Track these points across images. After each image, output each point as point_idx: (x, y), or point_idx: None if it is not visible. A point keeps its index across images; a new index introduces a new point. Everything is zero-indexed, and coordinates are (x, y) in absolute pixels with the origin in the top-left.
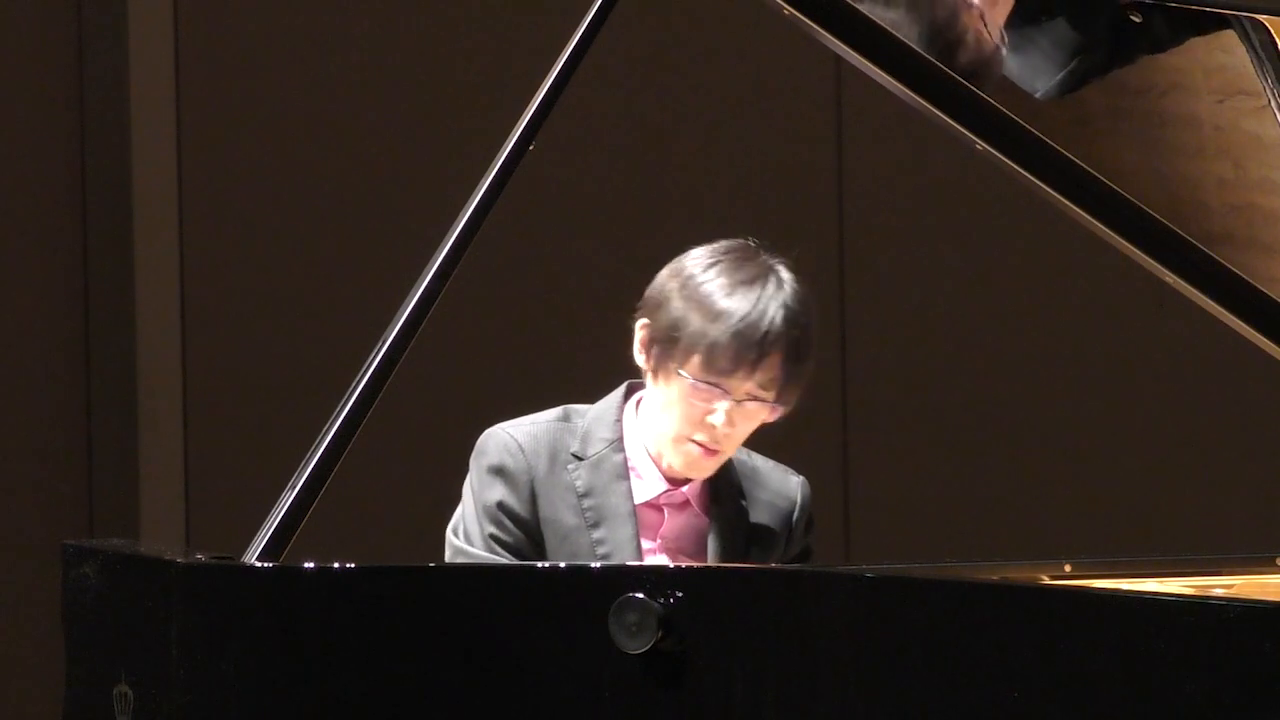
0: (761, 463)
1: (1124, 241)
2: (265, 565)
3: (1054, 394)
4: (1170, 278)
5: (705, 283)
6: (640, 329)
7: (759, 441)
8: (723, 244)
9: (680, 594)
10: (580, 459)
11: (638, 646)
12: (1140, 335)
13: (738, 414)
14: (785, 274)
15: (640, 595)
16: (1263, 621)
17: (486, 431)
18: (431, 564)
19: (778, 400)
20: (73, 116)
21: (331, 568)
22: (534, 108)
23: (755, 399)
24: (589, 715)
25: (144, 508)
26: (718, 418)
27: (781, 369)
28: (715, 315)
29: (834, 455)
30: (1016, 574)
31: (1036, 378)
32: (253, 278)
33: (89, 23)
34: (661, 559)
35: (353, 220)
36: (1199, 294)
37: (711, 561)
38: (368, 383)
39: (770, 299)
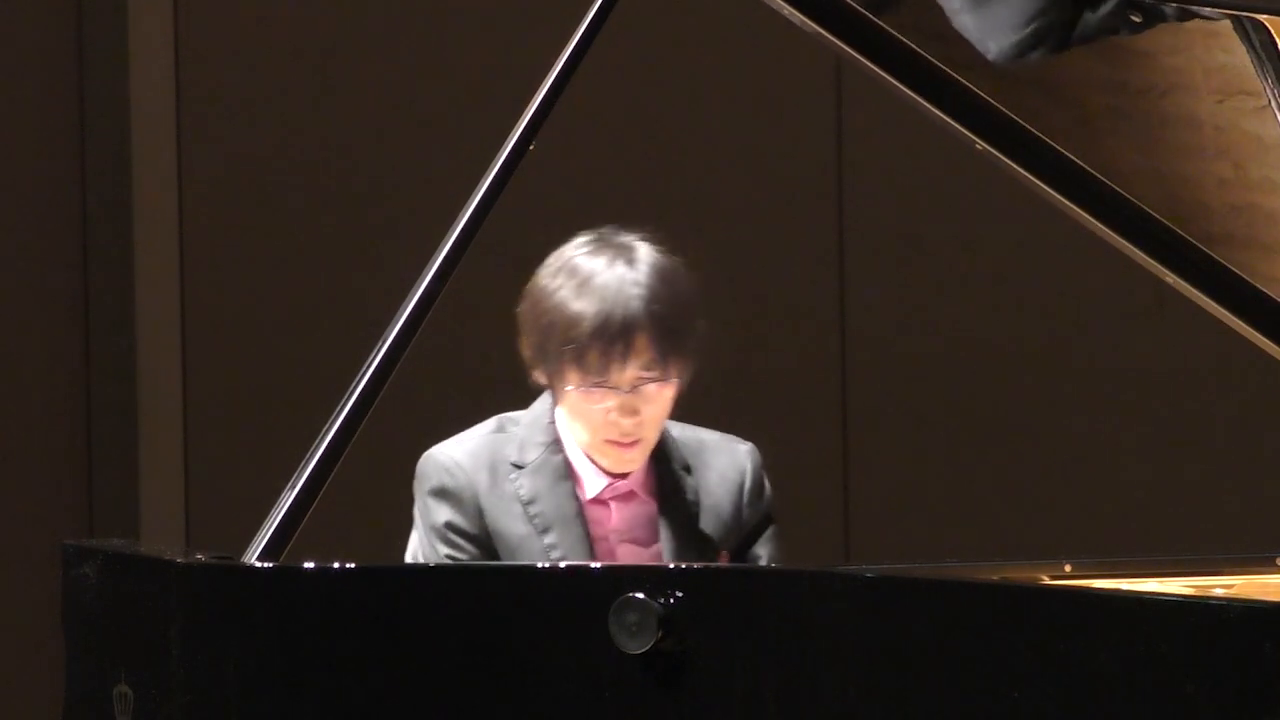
0: (708, 435)
1: (1124, 241)
2: (265, 565)
3: (1054, 394)
4: (1170, 278)
5: (554, 293)
6: (523, 350)
7: (761, 438)
8: (571, 244)
9: (680, 594)
10: (520, 467)
11: (638, 646)
12: (1140, 335)
13: (636, 401)
14: (641, 251)
15: (640, 595)
16: (1263, 621)
17: (424, 455)
18: (432, 564)
19: (666, 375)
20: (73, 116)
21: (331, 568)
22: (534, 108)
23: (646, 381)
24: (589, 715)
25: (144, 508)
26: (615, 414)
27: (655, 347)
28: (569, 324)
29: (834, 455)
30: (1016, 574)
31: (1036, 378)
32: (253, 279)
33: (89, 23)
34: (623, 551)
35: (353, 220)
36: (1199, 294)
37: (664, 545)
38: (368, 383)
39: (619, 286)
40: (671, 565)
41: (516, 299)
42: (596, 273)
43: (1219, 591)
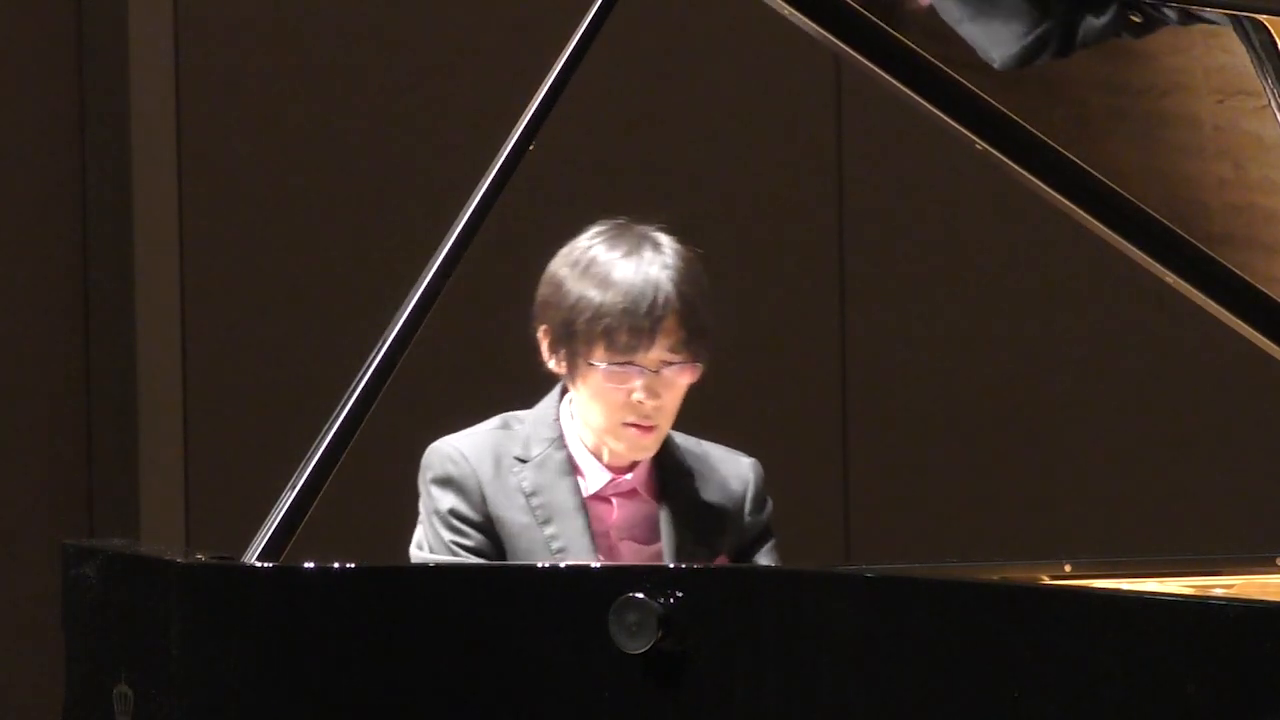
0: (712, 448)
1: (1124, 241)
2: (265, 565)
3: (1054, 394)
4: (1170, 278)
5: (582, 274)
6: (542, 336)
7: (760, 437)
8: (591, 229)
9: (680, 594)
10: (524, 461)
11: (638, 646)
12: (1140, 335)
13: (658, 384)
14: (662, 237)
15: (640, 595)
16: (1263, 621)
17: (429, 447)
18: (432, 564)
19: (690, 359)
20: (73, 116)
21: (331, 568)
22: (534, 108)
23: (669, 364)
24: (589, 715)
25: (144, 508)
26: (639, 394)
27: (682, 327)
28: (601, 299)
29: (834, 455)
30: (1016, 574)
31: (1036, 378)
32: (253, 278)
33: (89, 23)
34: (623, 547)
35: (353, 220)
36: (1199, 294)
37: (665, 545)
38: (368, 383)
39: (649, 265)
40: (671, 565)
41: (516, 299)
42: (625, 256)
43: (1219, 591)
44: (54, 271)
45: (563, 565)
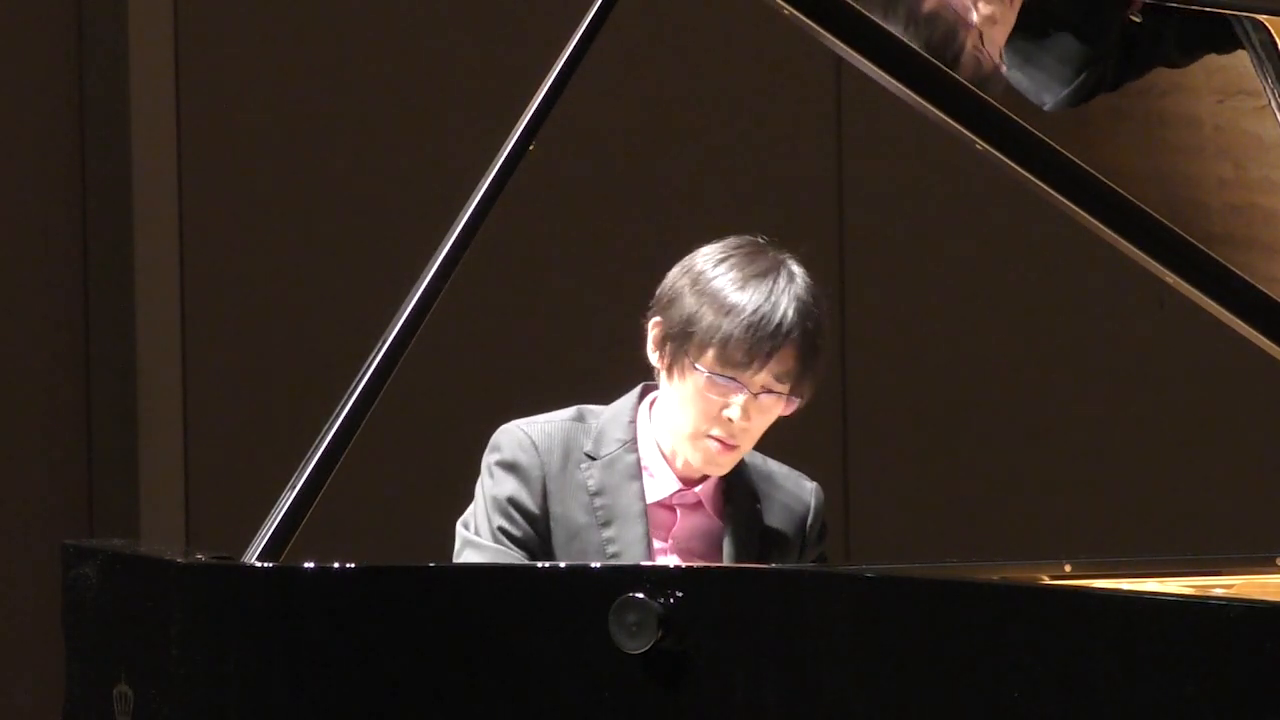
0: (776, 467)
1: (1124, 241)
2: (265, 565)
3: (1054, 394)
4: (1170, 278)
5: (717, 277)
6: (654, 327)
7: (760, 439)
8: (732, 240)
9: (680, 594)
10: (593, 458)
11: (638, 646)
12: (1140, 335)
13: (753, 407)
14: (796, 268)
15: (640, 595)
16: (1263, 621)
17: (501, 428)
18: (432, 564)
19: (793, 392)
20: (73, 116)
21: (331, 568)
22: (534, 108)
23: (770, 391)
24: (589, 715)
25: (144, 508)
26: (734, 411)
27: (796, 361)
28: (728, 309)
29: (834, 455)
30: (1016, 574)
31: (1036, 378)
32: (253, 278)
33: (89, 23)
34: (673, 559)
35: (353, 220)
36: (1199, 294)
37: (726, 563)
38: (368, 383)
39: (782, 292)
40: (671, 565)
41: (515, 299)
42: (763, 274)
43: (1219, 591)
44: (54, 272)
45: (562, 565)
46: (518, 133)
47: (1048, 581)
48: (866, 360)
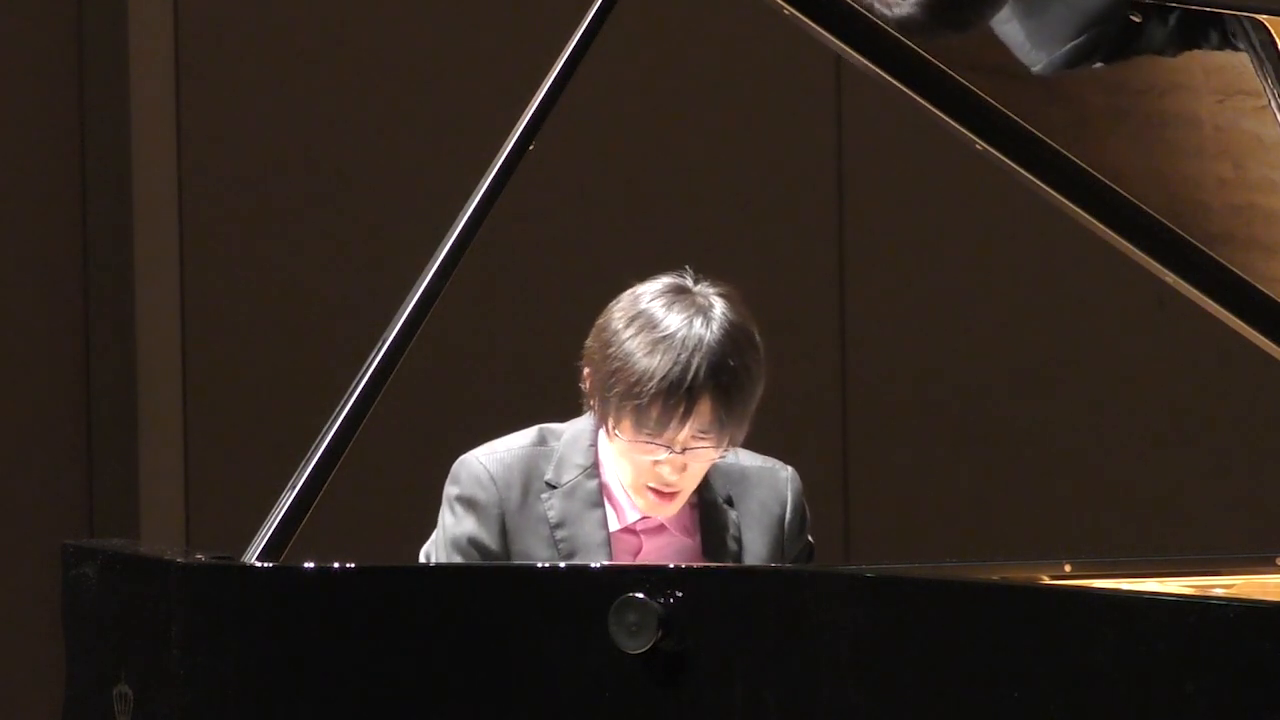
0: (749, 461)
1: (1124, 241)
2: (265, 565)
3: (1054, 394)
4: (1170, 278)
5: (627, 340)
6: (585, 377)
7: (757, 440)
8: (651, 287)
9: (680, 594)
10: (554, 486)
11: (638, 646)
12: (1140, 335)
13: (686, 458)
14: (717, 309)
15: (640, 595)
16: (1263, 621)
17: (459, 459)
18: (432, 564)
19: (719, 442)
20: (73, 116)
21: (331, 568)
22: (534, 108)
23: (698, 444)
24: (589, 715)
25: (144, 508)
26: (663, 469)
27: (713, 414)
28: (637, 378)
29: (834, 455)
30: (1016, 574)
31: (1036, 378)
32: (253, 278)
33: (89, 23)
34: None
35: (353, 220)
36: (1199, 294)
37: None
38: (367, 383)
39: (693, 349)
40: (671, 565)
41: (514, 299)
42: (671, 330)
43: (1219, 591)
44: (54, 271)
45: (562, 565)
46: (518, 133)
47: (1048, 581)
48: (866, 359)
